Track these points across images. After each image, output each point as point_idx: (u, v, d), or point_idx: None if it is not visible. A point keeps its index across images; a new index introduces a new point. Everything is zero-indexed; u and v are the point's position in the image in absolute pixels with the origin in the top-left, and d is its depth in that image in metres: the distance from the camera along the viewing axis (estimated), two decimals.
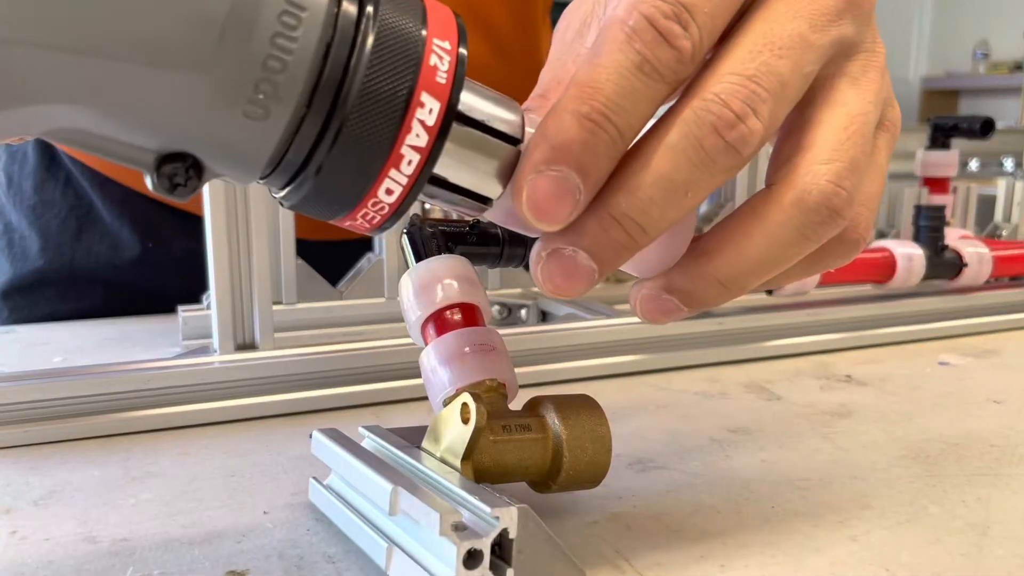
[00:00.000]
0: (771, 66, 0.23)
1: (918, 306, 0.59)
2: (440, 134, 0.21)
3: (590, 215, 0.23)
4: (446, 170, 0.23)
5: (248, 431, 0.39)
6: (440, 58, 0.21)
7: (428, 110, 0.21)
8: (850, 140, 0.24)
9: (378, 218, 0.22)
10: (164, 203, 0.62)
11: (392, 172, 0.21)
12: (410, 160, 0.21)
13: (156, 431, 0.38)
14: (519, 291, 0.61)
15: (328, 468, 0.31)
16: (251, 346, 0.42)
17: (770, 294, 0.56)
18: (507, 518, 0.23)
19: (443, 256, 0.31)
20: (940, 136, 0.69)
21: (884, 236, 0.69)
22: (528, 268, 0.25)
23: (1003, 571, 0.27)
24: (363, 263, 0.56)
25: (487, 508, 0.23)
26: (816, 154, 0.24)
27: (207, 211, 0.40)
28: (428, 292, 0.30)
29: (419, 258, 0.31)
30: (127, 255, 0.63)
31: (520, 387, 0.30)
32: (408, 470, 0.28)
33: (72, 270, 0.63)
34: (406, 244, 0.32)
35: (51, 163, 0.64)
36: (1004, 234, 0.77)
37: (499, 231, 0.33)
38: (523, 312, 0.59)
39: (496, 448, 0.27)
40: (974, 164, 2.38)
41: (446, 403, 0.28)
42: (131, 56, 0.18)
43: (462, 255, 0.32)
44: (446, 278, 0.30)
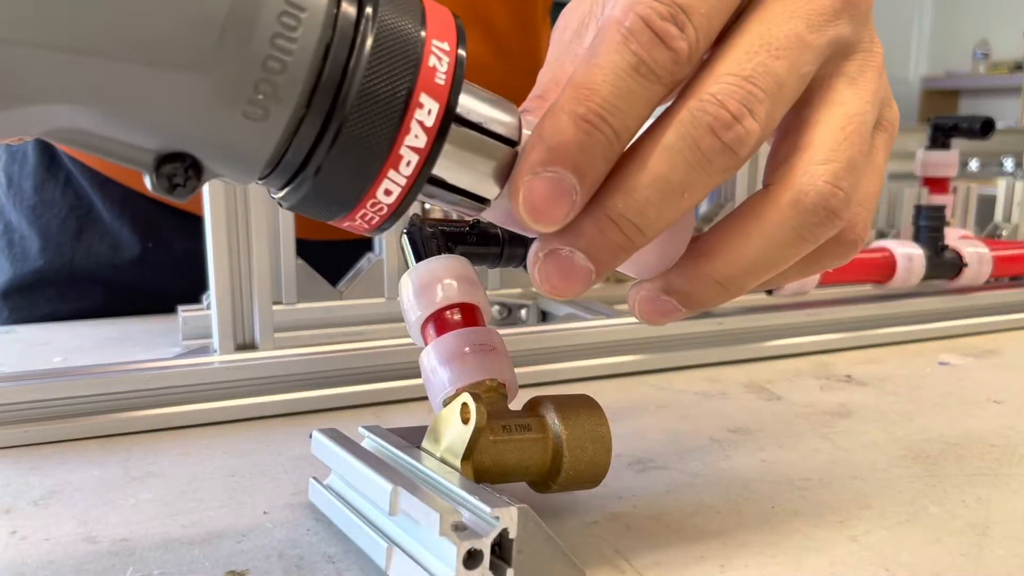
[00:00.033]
0: (768, 67, 0.23)
1: (918, 306, 0.59)
2: (439, 135, 0.21)
3: (587, 216, 0.23)
4: (444, 171, 0.23)
5: (248, 431, 0.39)
6: (439, 59, 0.21)
7: (427, 111, 0.21)
8: (847, 140, 0.24)
9: (377, 219, 0.22)
10: (164, 203, 0.62)
11: (391, 173, 0.21)
12: (409, 161, 0.21)
13: (156, 431, 0.39)
14: (519, 291, 0.61)
15: (328, 468, 0.31)
16: (251, 346, 0.42)
17: (770, 294, 0.56)
18: (507, 518, 0.23)
19: (443, 256, 0.31)
20: (940, 136, 0.69)
21: (884, 236, 0.69)
22: (527, 268, 0.25)
23: (1003, 571, 0.27)
24: (363, 263, 0.56)
25: (487, 508, 0.23)
26: (813, 154, 0.24)
27: (207, 211, 0.40)
28: (428, 292, 0.30)
29: (419, 258, 0.31)
30: (127, 255, 0.63)
31: (520, 387, 0.30)
32: (408, 470, 0.28)
33: (72, 270, 0.63)
34: (406, 244, 0.32)
35: (51, 163, 0.64)
36: (1004, 234, 0.77)
37: (499, 231, 0.33)
38: (523, 312, 0.59)
39: (496, 448, 0.27)
40: (974, 164, 2.38)
41: (446, 403, 0.28)
42: (131, 56, 0.18)
43: (462, 255, 0.32)
44: (446, 278, 0.30)
